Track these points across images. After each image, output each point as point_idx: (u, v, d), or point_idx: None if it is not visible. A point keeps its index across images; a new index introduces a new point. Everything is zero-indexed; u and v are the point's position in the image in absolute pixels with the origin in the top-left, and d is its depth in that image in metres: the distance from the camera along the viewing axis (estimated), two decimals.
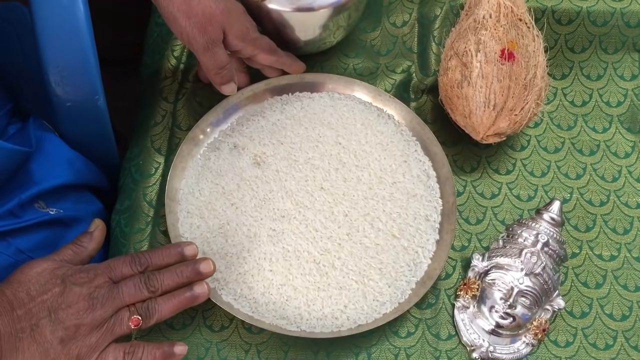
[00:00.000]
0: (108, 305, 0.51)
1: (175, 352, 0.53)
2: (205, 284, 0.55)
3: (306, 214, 0.61)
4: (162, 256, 0.55)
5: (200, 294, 0.54)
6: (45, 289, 0.50)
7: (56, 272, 0.51)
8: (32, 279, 0.50)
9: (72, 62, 0.60)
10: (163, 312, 0.53)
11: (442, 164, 0.65)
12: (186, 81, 0.70)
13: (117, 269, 0.53)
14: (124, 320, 0.51)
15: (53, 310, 0.50)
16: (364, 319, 0.58)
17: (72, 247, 0.55)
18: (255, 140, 0.65)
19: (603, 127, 0.70)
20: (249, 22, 0.62)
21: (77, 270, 0.52)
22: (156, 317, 0.53)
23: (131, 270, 0.53)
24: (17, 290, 0.50)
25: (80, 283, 0.51)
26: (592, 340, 0.60)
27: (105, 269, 0.53)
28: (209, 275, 0.55)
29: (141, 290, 0.52)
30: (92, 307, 0.50)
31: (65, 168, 0.63)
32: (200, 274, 0.55)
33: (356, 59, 0.72)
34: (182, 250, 0.56)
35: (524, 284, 0.58)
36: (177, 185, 0.64)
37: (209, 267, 0.55)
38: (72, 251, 0.54)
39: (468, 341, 0.59)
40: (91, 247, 0.55)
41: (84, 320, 0.50)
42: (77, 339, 0.50)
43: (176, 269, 0.54)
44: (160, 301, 0.53)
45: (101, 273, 0.52)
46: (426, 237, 0.62)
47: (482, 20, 0.64)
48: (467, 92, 0.62)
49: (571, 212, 0.66)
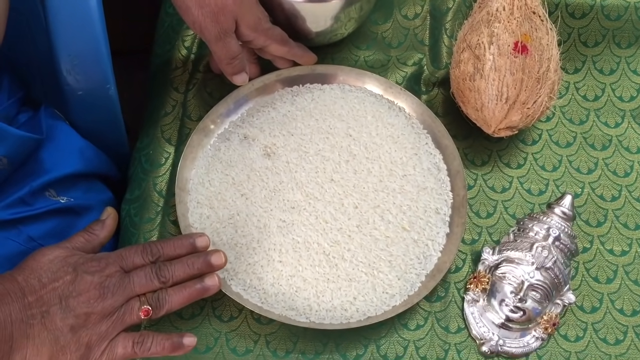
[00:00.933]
0: (119, 294, 0.51)
1: (184, 343, 0.53)
2: (216, 276, 0.55)
3: (316, 205, 0.61)
4: (174, 247, 0.55)
5: (211, 286, 0.54)
6: (56, 276, 0.50)
7: (68, 260, 0.51)
8: (43, 266, 0.51)
9: (83, 51, 0.60)
10: (173, 303, 0.53)
11: (453, 157, 0.65)
12: (197, 71, 0.70)
13: (128, 259, 0.53)
14: (134, 309, 0.52)
15: (64, 298, 0.50)
16: (373, 311, 0.58)
17: (84, 234, 0.55)
18: (265, 132, 0.65)
19: (615, 121, 0.70)
20: (261, 13, 0.62)
21: (88, 258, 0.52)
22: (166, 307, 0.53)
23: (142, 260, 0.53)
24: (29, 277, 0.50)
25: (91, 271, 0.51)
26: (602, 335, 0.60)
27: (117, 258, 0.53)
28: (220, 267, 0.55)
29: (152, 281, 0.52)
30: (103, 296, 0.51)
31: (76, 157, 0.63)
32: (212, 266, 0.55)
33: (367, 51, 0.72)
34: (194, 242, 0.55)
35: (535, 278, 0.58)
36: (187, 175, 0.64)
37: (220, 259, 0.55)
38: (84, 239, 0.54)
39: (477, 334, 0.59)
40: (103, 234, 0.56)
41: (95, 308, 0.50)
42: (87, 327, 0.50)
43: (187, 260, 0.54)
44: (171, 292, 0.53)
45: (112, 262, 0.52)
46: (436, 230, 0.61)
47: (495, 13, 0.64)
48: (479, 85, 0.62)
49: (582, 206, 0.65)
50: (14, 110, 0.63)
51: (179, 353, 0.53)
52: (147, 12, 0.84)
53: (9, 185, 0.60)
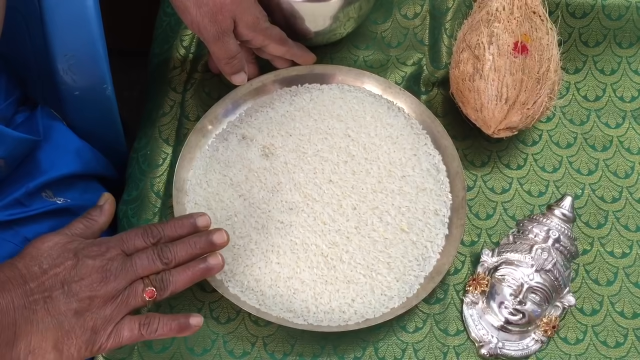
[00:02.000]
0: (122, 277, 0.51)
1: (191, 323, 0.52)
2: (219, 256, 0.54)
3: (314, 206, 0.60)
4: (175, 228, 0.54)
5: (214, 265, 0.54)
6: (57, 262, 0.50)
7: (68, 245, 0.51)
8: (44, 252, 0.50)
9: (80, 51, 0.59)
10: (177, 283, 0.52)
11: (453, 157, 0.64)
12: (195, 71, 0.70)
13: (129, 242, 0.52)
14: (138, 292, 0.51)
15: (66, 283, 0.49)
16: (372, 313, 0.57)
17: (83, 221, 0.54)
18: (263, 132, 0.64)
19: (616, 122, 0.69)
20: (259, 12, 0.62)
21: (89, 243, 0.52)
22: (171, 288, 0.52)
23: (144, 243, 0.53)
24: (30, 264, 0.50)
25: (93, 256, 0.51)
26: (602, 337, 0.60)
27: (118, 242, 0.52)
28: (222, 245, 0.55)
29: (155, 262, 0.52)
30: (105, 279, 0.50)
31: (72, 157, 0.63)
32: (214, 245, 0.54)
33: (366, 50, 0.71)
34: (195, 222, 0.55)
35: (534, 280, 0.58)
36: (184, 176, 0.63)
37: (222, 237, 0.55)
38: (83, 225, 0.54)
39: (477, 337, 0.59)
40: (102, 220, 0.55)
41: (98, 292, 0.50)
42: (92, 310, 0.50)
43: (189, 240, 0.54)
44: (174, 273, 0.52)
45: (114, 246, 0.52)
46: (435, 232, 0.61)
47: (495, 13, 0.63)
48: (478, 85, 0.61)
49: (583, 208, 0.65)
50: (11, 111, 0.63)
51: (186, 334, 0.52)
52: (145, 11, 0.83)
53: (5, 186, 0.59)
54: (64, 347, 0.49)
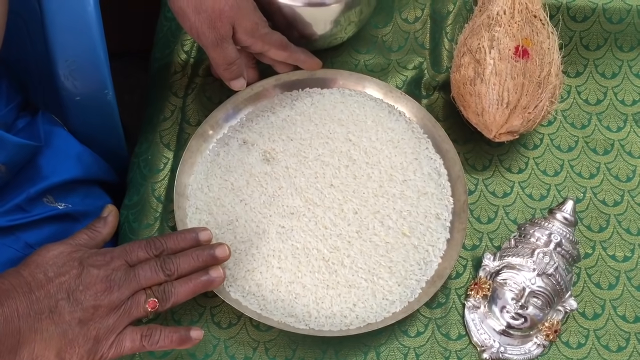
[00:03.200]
0: (125, 287, 0.51)
1: (192, 336, 0.53)
2: (220, 269, 0.55)
3: (316, 211, 0.60)
4: (177, 241, 0.55)
5: (216, 277, 0.55)
6: (62, 270, 0.50)
7: (73, 254, 0.51)
8: (49, 260, 0.51)
9: (81, 56, 0.59)
10: (179, 295, 0.53)
11: (454, 162, 0.64)
12: (196, 76, 0.70)
13: (133, 253, 0.53)
14: (140, 302, 0.52)
15: (71, 292, 0.50)
16: (373, 318, 0.57)
17: (86, 232, 0.55)
18: (264, 136, 0.64)
19: (617, 126, 0.69)
20: (258, 18, 0.62)
21: (93, 253, 0.52)
22: (172, 300, 0.53)
23: (147, 254, 0.54)
24: (35, 272, 0.50)
25: (97, 265, 0.51)
26: (604, 342, 0.59)
27: (122, 253, 0.53)
28: (224, 259, 0.56)
29: (157, 274, 0.53)
30: (109, 289, 0.51)
31: (74, 163, 0.63)
32: (216, 259, 0.55)
33: (367, 55, 0.71)
34: (197, 235, 0.56)
35: (536, 284, 0.57)
36: (186, 180, 0.63)
37: (224, 252, 0.56)
38: (87, 236, 0.55)
39: (478, 341, 0.59)
40: (105, 231, 0.56)
41: (102, 301, 0.50)
42: (95, 320, 0.50)
43: (192, 253, 0.55)
44: (177, 284, 0.53)
45: (117, 256, 0.52)
46: (437, 236, 0.61)
47: (496, 17, 0.63)
48: (480, 90, 0.61)
49: (584, 212, 0.65)
50: (13, 116, 0.63)
51: (187, 346, 0.53)
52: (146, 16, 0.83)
53: (6, 192, 0.59)
54: (67, 355, 0.49)
